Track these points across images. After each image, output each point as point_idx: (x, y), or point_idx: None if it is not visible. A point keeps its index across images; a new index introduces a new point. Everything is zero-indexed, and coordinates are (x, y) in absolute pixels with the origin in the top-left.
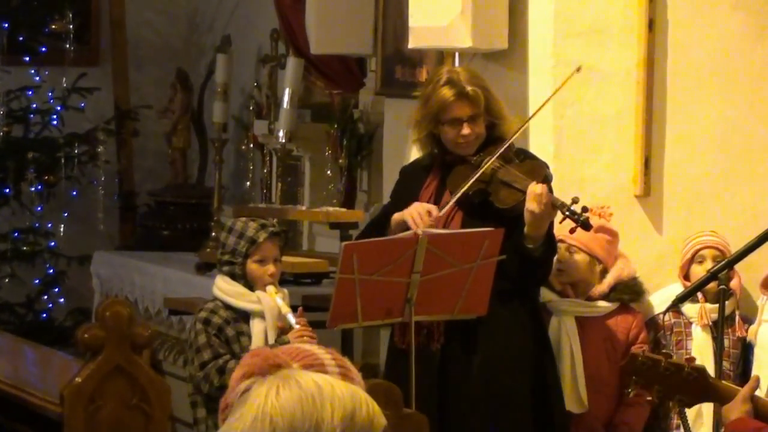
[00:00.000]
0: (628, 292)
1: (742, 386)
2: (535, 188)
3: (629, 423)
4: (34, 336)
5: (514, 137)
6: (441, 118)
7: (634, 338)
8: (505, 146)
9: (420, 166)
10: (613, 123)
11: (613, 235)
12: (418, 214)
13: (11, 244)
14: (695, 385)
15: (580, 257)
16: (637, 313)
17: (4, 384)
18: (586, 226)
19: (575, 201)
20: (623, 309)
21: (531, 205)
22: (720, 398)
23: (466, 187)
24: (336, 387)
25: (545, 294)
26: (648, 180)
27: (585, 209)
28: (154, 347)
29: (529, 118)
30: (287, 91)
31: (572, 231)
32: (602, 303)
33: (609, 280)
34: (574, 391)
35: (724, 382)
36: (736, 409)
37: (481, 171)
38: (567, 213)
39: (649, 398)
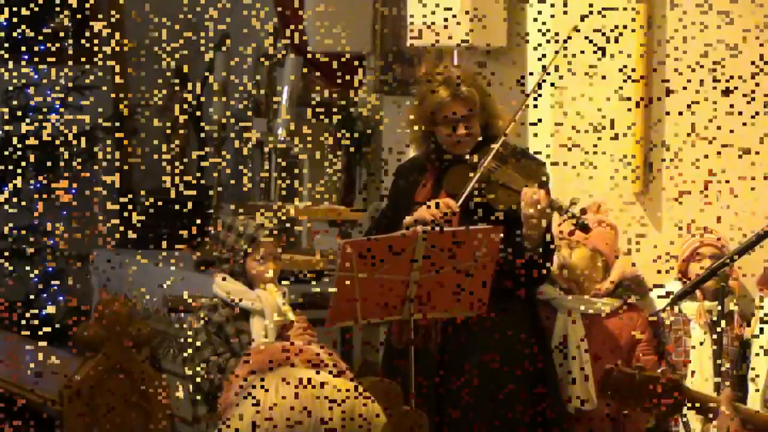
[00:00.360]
0: (634, 290)
1: (739, 385)
2: (531, 192)
3: (635, 422)
4: (33, 334)
5: (510, 127)
6: (436, 117)
7: (640, 337)
8: (501, 141)
9: (416, 165)
10: (613, 122)
11: (612, 228)
12: (438, 210)
13: (11, 242)
14: (671, 397)
15: (581, 252)
16: (641, 311)
17: (3, 382)
18: (584, 228)
19: (574, 202)
20: (628, 307)
21: (527, 208)
22: (697, 408)
23: (467, 192)
24: (337, 385)
25: (550, 291)
26: (648, 179)
27: (583, 211)
28: (153, 345)
29: (528, 95)
30: (286, 89)
31: (571, 233)
32: (608, 300)
33: (613, 277)
34: (583, 387)
35: (699, 391)
36: (729, 425)
37: (479, 173)
38: (566, 216)
39: (626, 412)
